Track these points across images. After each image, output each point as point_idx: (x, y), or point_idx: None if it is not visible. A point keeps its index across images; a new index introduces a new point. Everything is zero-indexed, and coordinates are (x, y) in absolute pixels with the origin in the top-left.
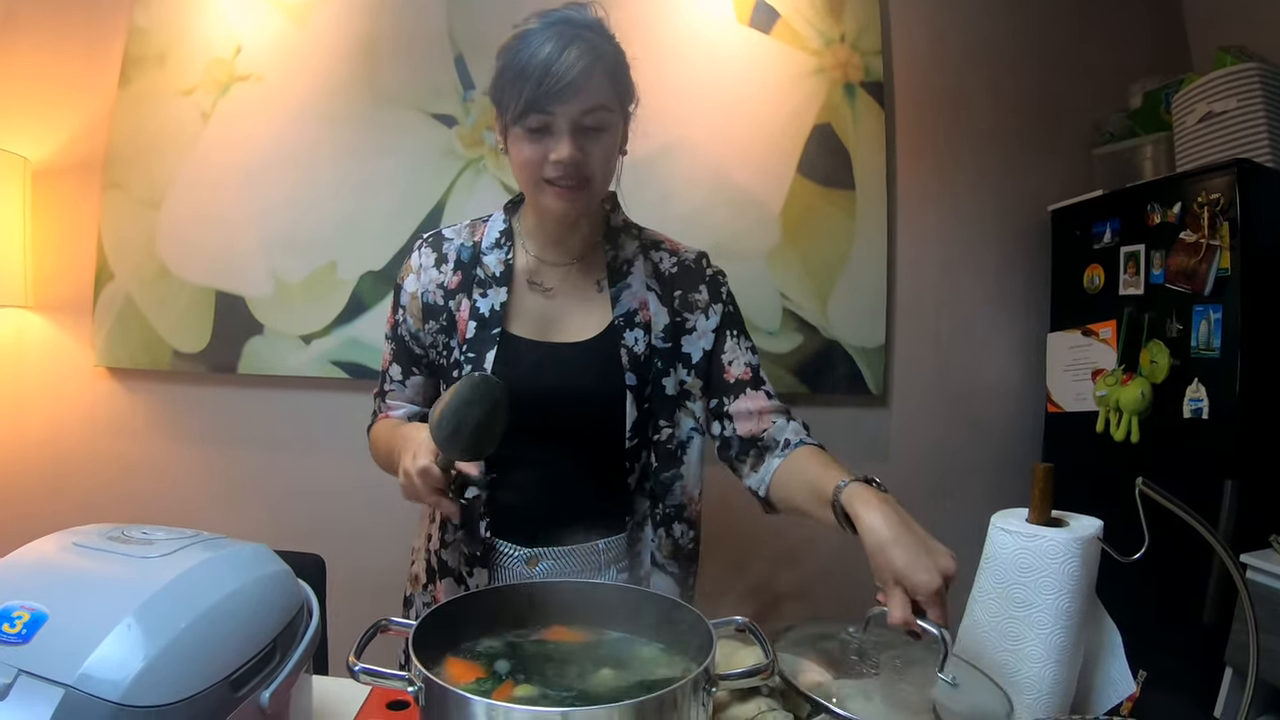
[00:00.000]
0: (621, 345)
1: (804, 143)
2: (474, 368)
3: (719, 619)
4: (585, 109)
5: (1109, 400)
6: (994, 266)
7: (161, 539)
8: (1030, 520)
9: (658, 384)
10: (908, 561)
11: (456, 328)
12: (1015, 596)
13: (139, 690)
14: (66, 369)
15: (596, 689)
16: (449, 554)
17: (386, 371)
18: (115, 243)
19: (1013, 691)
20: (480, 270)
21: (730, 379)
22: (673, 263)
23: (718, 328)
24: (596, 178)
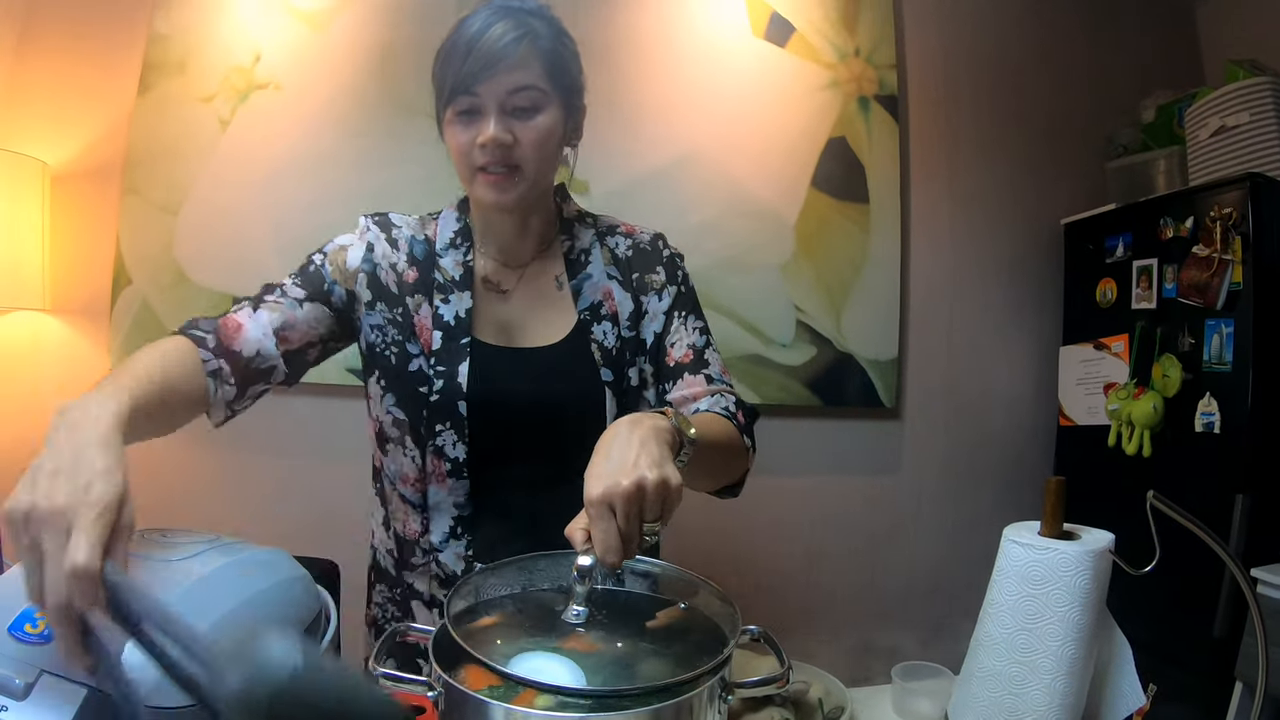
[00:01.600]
0: (592, 341)
1: (818, 156)
2: (446, 382)
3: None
4: (512, 88)
5: (1121, 414)
6: (1006, 279)
7: (181, 542)
8: (1042, 533)
9: (629, 376)
10: (590, 469)
11: (416, 333)
12: (1026, 609)
13: (161, 691)
14: (83, 372)
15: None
16: (416, 578)
17: (278, 285)
18: (133, 248)
19: (1023, 704)
20: (438, 274)
21: (670, 363)
22: (628, 245)
23: (668, 309)
24: (528, 164)
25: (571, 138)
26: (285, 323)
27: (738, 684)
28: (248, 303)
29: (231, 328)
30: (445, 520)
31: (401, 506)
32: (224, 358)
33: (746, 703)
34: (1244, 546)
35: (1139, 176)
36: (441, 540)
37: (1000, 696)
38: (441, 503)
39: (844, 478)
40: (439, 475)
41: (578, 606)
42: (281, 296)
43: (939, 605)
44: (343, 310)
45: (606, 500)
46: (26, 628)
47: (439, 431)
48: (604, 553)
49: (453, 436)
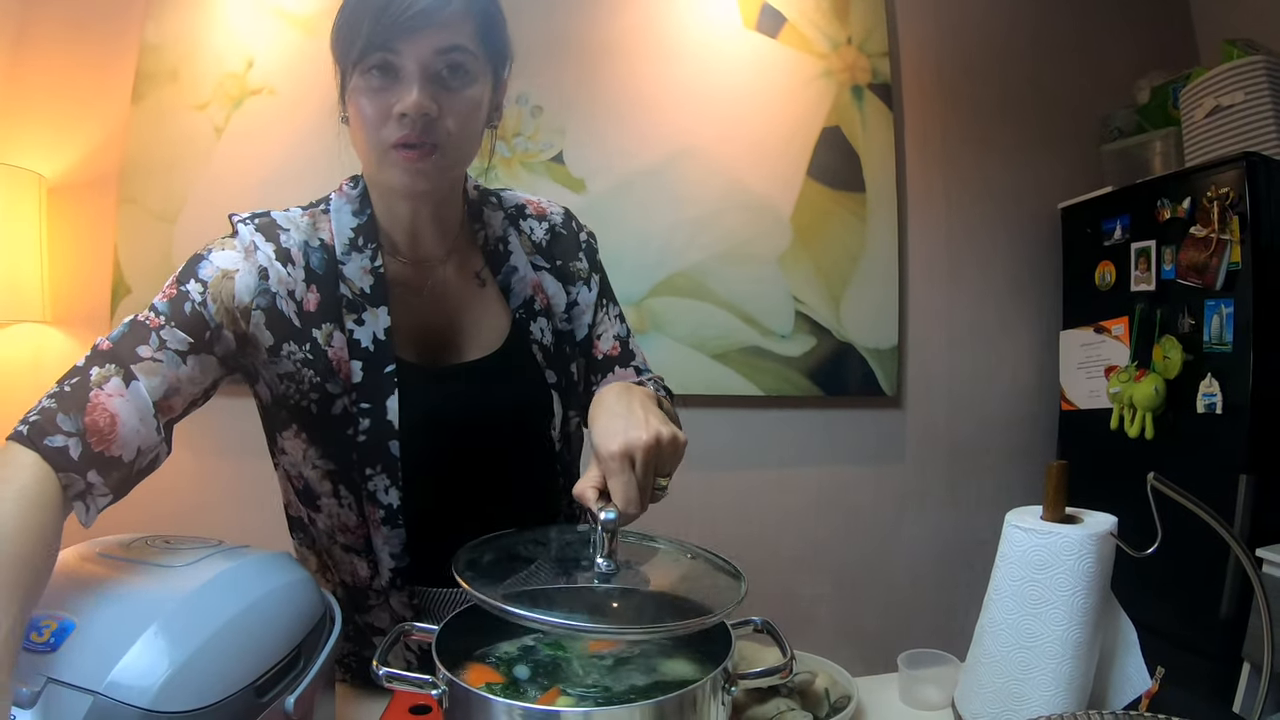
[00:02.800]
0: (532, 342)
1: (813, 146)
2: (373, 422)
3: (737, 619)
4: (439, 48)
5: (1122, 397)
6: (1005, 265)
7: (185, 548)
8: (1045, 518)
9: (568, 371)
10: (600, 429)
11: (334, 370)
12: (1030, 594)
13: (166, 696)
14: None
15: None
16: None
17: (155, 331)
18: (131, 257)
19: (1029, 689)
20: (344, 287)
21: (599, 355)
22: (545, 229)
23: (595, 300)
24: (451, 141)
25: (493, 117)
26: (169, 388)
27: (741, 675)
28: (113, 367)
29: (103, 424)
30: (386, 570)
31: (345, 557)
32: (94, 467)
33: (752, 694)
34: (1249, 526)
35: (1135, 159)
36: (387, 584)
37: (1006, 682)
38: (381, 550)
39: (846, 467)
40: (375, 523)
41: (602, 559)
42: (160, 350)
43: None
44: (229, 357)
45: (627, 453)
46: (33, 636)
47: (369, 476)
48: (625, 504)
49: (384, 481)
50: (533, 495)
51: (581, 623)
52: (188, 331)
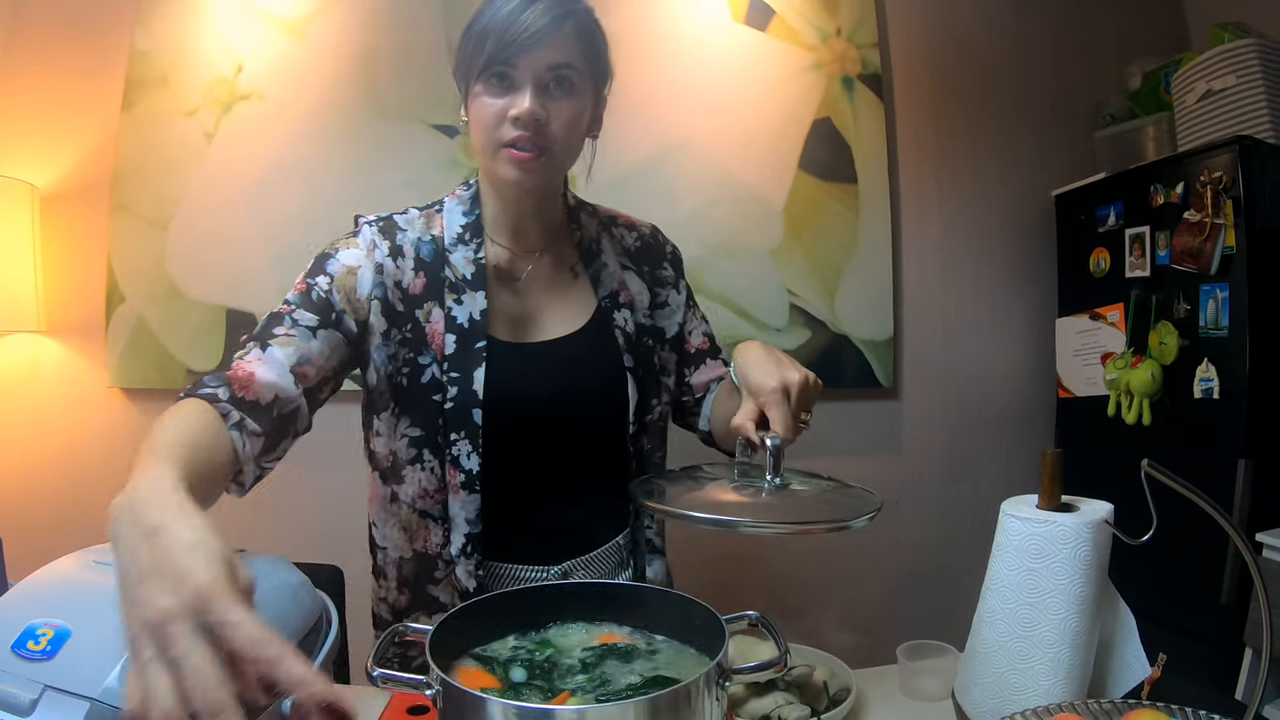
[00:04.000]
0: (615, 328)
1: (804, 138)
2: (461, 390)
3: (732, 614)
4: (550, 64)
5: (1119, 383)
6: (999, 253)
7: None
8: (1040, 506)
9: (649, 362)
10: (756, 371)
11: (429, 342)
12: (1027, 583)
13: None
14: (81, 392)
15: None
16: (440, 591)
17: (288, 315)
18: (125, 265)
19: (1028, 678)
20: (449, 271)
21: (692, 350)
22: (634, 238)
23: (684, 303)
24: (558, 145)
25: (593, 128)
26: (301, 357)
27: (735, 670)
28: (254, 342)
29: (243, 377)
30: (459, 537)
31: (422, 523)
32: (243, 410)
33: (751, 689)
34: (1249, 511)
35: (1128, 145)
36: (458, 553)
37: (1005, 672)
38: (457, 515)
39: (844, 459)
40: (454, 487)
41: (774, 476)
42: (292, 327)
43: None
44: (354, 341)
45: (784, 387)
46: (30, 645)
47: (454, 441)
48: (785, 430)
49: (467, 447)
50: (604, 473)
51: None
52: (314, 312)
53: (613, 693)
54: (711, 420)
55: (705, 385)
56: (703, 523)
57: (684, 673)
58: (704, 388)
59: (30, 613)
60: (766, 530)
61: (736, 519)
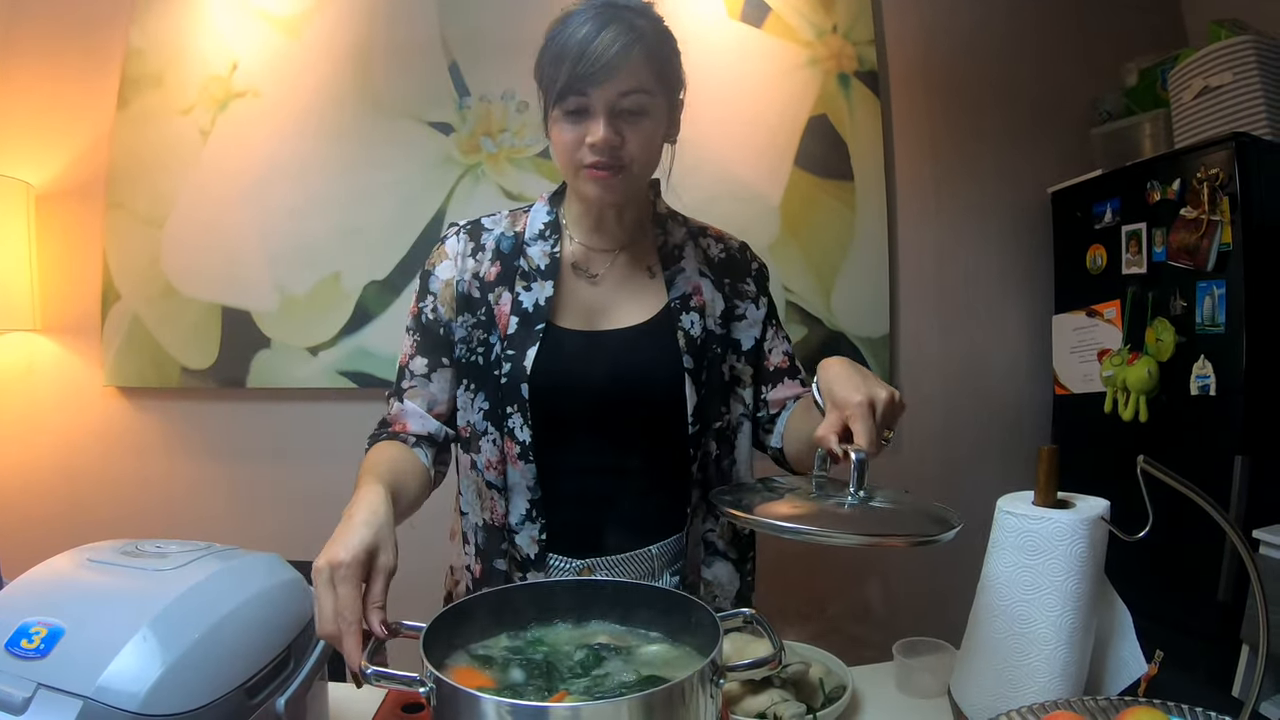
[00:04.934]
0: (678, 328)
1: (800, 135)
2: (513, 365)
3: (726, 612)
4: (622, 91)
5: (1116, 380)
6: (996, 250)
7: (174, 552)
8: (1036, 503)
9: (715, 369)
10: (841, 384)
11: (496, 323)
12: (1024, 580)
13: (156, 700)
14: (77, 390)
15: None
16: (504, 562)
17: (406, 367)
18: (120, 263)
19: (1024, 675)
20: (524, 262)
21: (770, 367)
22: (720, 249)
23: (764, 319)
24: (635, 163)
25: (670, 134)
26: (429, 402)
27: (729, 667)
28: (393, 397)
29: (399, 422)
30: (522, 503)
31: (487, 493)
32: (412, 438)
33: (746, 686)
34: (1245, 508)
35: (1124, 141)
36: (518, 522)
37: (1001, 668)
38: (517, 485)
39: None
40: (512, 458)
41: (859, 490)
42: (411, 379)
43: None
44: (456, 346)
45: (870, 402)
46: (23, 643)
47: (509, 414)
48: (869, 444)
49: (519, 419)
50: (660, 469)
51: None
52: (424, 352)
53: (607, 691)
54: (785, 438)
55: (781, 402)
56: (787, 532)
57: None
58: (779, 404)
59: (23, 611)
60: (849, 541)
61: (821, 529)
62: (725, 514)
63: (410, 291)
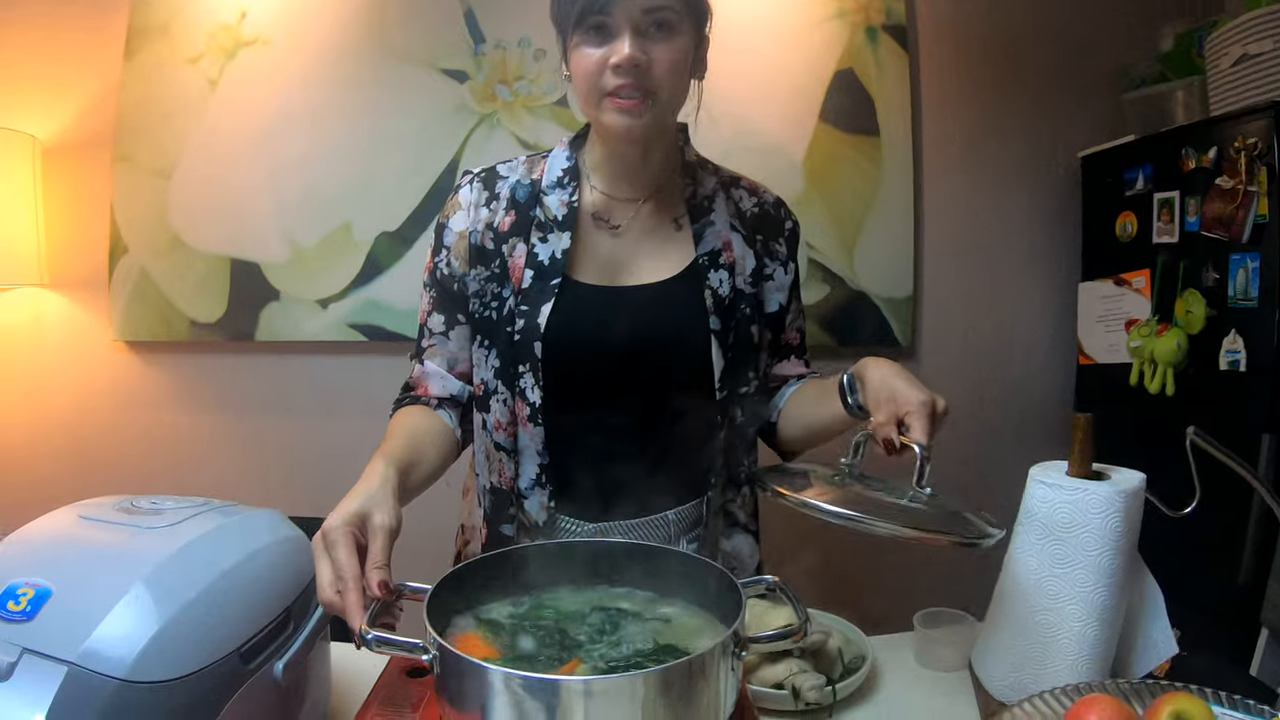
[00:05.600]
0: (705, 286)
1: (826, 89)
2: (527, 322)
3: (748, 578)
4: (647, 7)
5: (1143, 351)
6: (1023, 214)
7: (170, 508)
8: (1070, 473)
9: (743, 331)
10: (902, 382)
11: (510, 276)
12: (1055, 553)
13: (144, 665)
14: (85, 345)
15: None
16: (511, 528)
17: (425, 325)
18: (128, 216)
19: (1051, 652)
20: (540, 212)
21: (783, 341)
22: (754, 203)
23: (792, 285)
24: (662, 89)
25: (698, 69)
26: (450, 361)
27: (751, 639)
28: (415, 361)
29: (421, 385)
30: (532, 467)
31: (495, 455)
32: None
33: (764, 656)
34: (1271, 488)
35: (1157, 107)
36: (527, 487)
37: (1027, 645)
38: (527, 448)
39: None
40: (523, 420)
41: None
42: (430, 338)
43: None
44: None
45: (932, 402)
46: (10, 605)
47: (521, 373)
48: (928, 440)
49: (530, 379)
50: (683, 435)
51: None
52: (441, 309)
53: (622, 661)
54: (784, 416)
55: (782, 379)
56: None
57: (697, 640)
58: (779, 381)
59: (11, 572)
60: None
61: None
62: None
63: (423, 243)
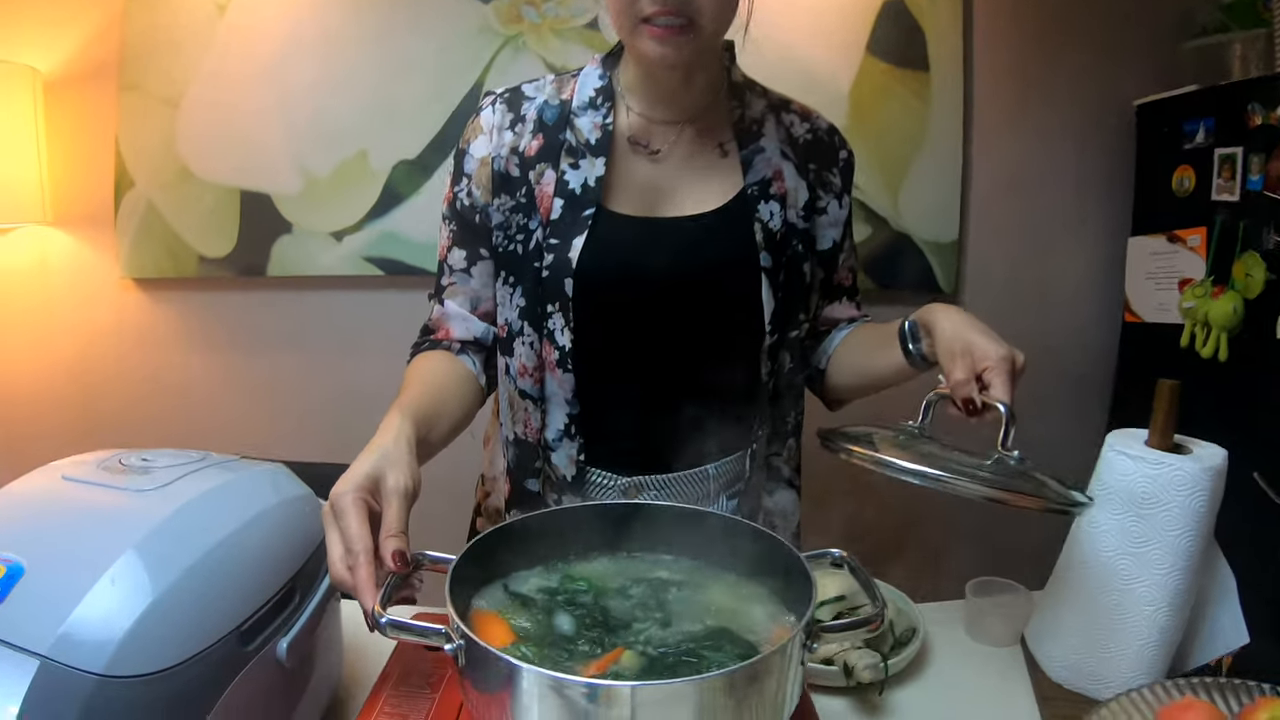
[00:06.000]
0: (755, 219)
1: (874, 19)
2: (556, 256)
3: (812, 551)
4: None
5: (1196, 313)
6: (1074, 161)
7: (162, 466)
8: (1151, 444)
9: (795, 268)
10: (974, 332)
11: (537, 206)
12: (1131, 531)
13: (125, 657)
14: (92, 284)
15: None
16: (537, 483)
17: (444, 261)
18: (133, 148)
19: (1116, 636)
20: (570, 135)
21: (835, 281)
22: (806, 129)
23: (845, 221)
24: (704, 16)
25: None
26: (473, 300)
27: (825, 627)
28: (434, 301)
29: (441, 328)
30: (560, 416)
31: (520, 404)
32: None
33: None
34: None
35: (1215, 59)
36: (555, 438)
37: (1089, 626)
38: (554, 395)
39: None
40: (550, 365)
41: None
42: (450, 275)
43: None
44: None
45: (1012, 357)
46: None
47: (549, 313)
48: (1006, 396)
49: (560, 320)
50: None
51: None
52: (461, 242)
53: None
54: (834, 363)
55: (833, 322)
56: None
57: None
58: (830, 324)
59: None
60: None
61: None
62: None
63: (444, 172)
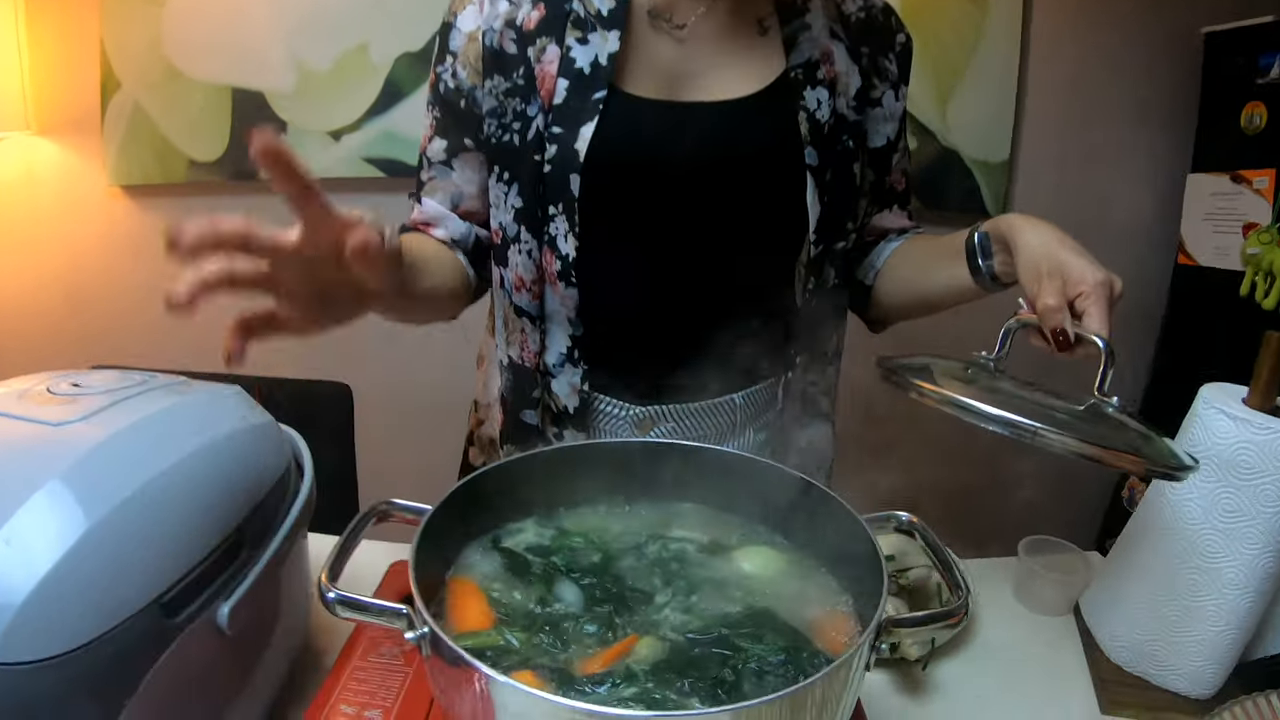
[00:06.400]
0: (800, 107)
1: None
2: (561, 147)
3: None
4: None
5: (1261, 261)
6: (1134, 88)
7: (94, 392)
8: (1250, 404)
9: (845, 168)
10: (1067, 252)
11: (537, 88)
12: (1224, 502)
13: (18, 638)
14: (79, 193)
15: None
16: (535, 415)
17: (424, 153)
18: (119, 47)
19: (1190, 617)
20: (578, 4)
21: (887, 184)
22: (859, 5)
23: (901, 116)
24: None
25: None
26: (453, 197)
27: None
28: (413, 199)
29: (424, 227)
30: (562, 338)
31: (516, 323)
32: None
33: None
34: None
35: None
36: (556, 364)
37: (1160, 604)
38: (556, 313)
39: None
40: (551, 276)
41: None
42: (430, 168)
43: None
44: (485, 115)
45: (1110, 283)
46: None
47: (551, 216)
48: (1104, 329)
49: (563, 225)
50: (758, 297)
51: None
52: (443, 132)
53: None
54: (884, 278)
55: (882, 232)
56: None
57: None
58: (879, 234)
59: None
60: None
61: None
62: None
63: None
